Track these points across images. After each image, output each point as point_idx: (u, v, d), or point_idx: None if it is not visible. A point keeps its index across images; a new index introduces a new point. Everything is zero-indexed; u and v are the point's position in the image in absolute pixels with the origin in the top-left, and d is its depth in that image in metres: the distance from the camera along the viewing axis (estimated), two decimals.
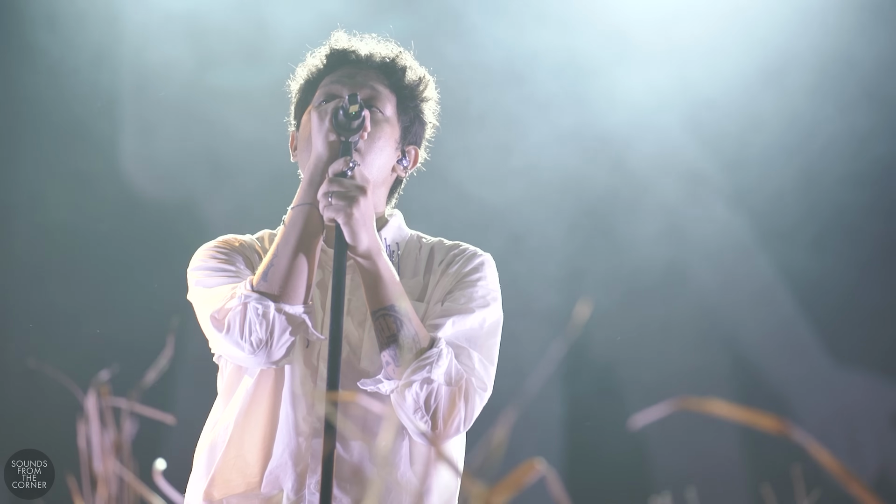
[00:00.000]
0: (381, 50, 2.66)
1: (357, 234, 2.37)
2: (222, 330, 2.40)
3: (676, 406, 1.15)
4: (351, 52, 2.65)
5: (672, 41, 5.09)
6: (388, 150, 2.59)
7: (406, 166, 2.66)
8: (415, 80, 2.66)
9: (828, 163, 5.06)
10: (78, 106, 4.99)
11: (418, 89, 2.66)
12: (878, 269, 5.07)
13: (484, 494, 1.17)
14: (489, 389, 2.51)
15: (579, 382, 5.10)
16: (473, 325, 2.52)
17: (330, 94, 2.58)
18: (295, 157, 2.65)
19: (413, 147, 2.67)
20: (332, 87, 2.59)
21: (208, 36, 4.98)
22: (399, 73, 2.64)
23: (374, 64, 2.64)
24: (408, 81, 2.65)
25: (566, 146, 5.14)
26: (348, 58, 2.65)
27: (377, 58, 2.64)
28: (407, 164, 2.66)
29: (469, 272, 2.59)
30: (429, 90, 2.69)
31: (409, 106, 2.65)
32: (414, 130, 2.66)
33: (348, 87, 2.57)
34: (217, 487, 2.49)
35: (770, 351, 5.09)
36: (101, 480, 1.32)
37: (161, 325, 4.46)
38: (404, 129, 2.64)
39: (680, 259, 5.13)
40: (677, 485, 4.91)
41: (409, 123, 2.65)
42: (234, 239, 2.62)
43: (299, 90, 2.69)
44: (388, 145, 2.58)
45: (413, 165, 2.68)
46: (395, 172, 2.65)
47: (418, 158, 2.69)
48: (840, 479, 1.10)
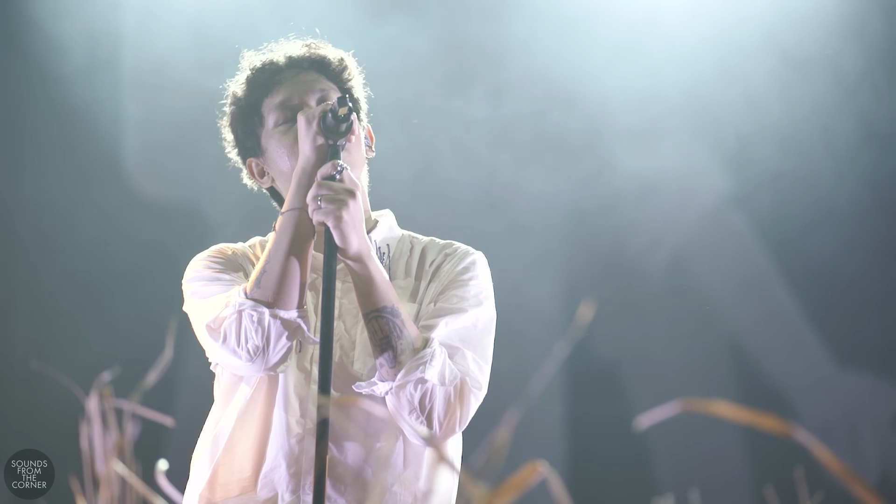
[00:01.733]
0: (296, 50, 2.64)
1: (347, 237, 2.36)
2: (219, 339, 2.40)
3: (680, 407, 1.15)
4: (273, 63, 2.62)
5: (665, 36, 5.09)
6: (362, 143, 2.58)
7: (369, 145, 2.65)
8: (340, 64, 2.65)
9: (828, 162, 5.05)
10: (80, 107, 4.99)
11: (347, 72, 2.65)
12: (882, 270, 5.07)
13: (486, 497, 1.17)
14: (484, 389, 2.50)
15: (581, 384, 5.09)
16: (467, 325, 2.52)
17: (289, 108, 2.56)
18: (264, 182, 2.64)
19: (367, 126, 2.67)
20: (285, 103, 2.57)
21: (210, 36, 4.98)
22: (326, 63, 2.63)
23: (303, 65, 2.62)
24: (335, 68, 2.64)
25: (567, 146, 5.14)
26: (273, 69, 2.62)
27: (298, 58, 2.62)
28: (369, 142, 2.66)
29: (461, 271, 2.59)
30: (352, 67, 2.67)
31: (347, 89, 2.64)
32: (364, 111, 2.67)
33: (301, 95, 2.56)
34: (214, 491, 2.50)
35: (772, 352, 5.09)
36: (104, 482, 1.32)
37: (163, 327, 4.46)
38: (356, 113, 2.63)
39: (682, 260, 5.13)
40: (680, 486, 4.91)
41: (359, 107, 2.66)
42: (226, 248, 2.63)
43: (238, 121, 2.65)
44: (360, 139, 2.58)
45: (372, 142, 2.67)
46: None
47: (372, 134, 2.68)
48: (843, 479, 1.10)
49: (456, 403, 2.42)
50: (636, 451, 5.05)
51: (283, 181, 2.60)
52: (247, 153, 2.67)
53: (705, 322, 5.12)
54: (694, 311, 5.11)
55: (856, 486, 1.10)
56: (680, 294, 5.12)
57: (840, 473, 1.10)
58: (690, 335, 5.11)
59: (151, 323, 4.70)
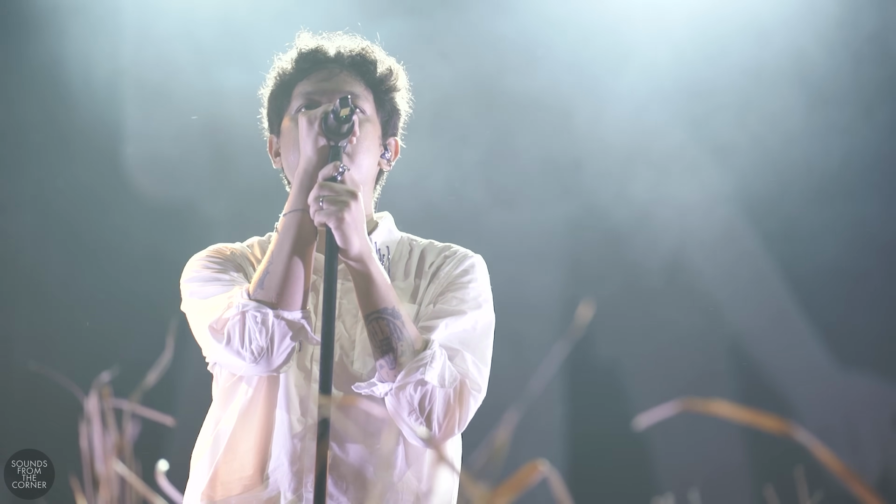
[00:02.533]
0: (350, 46, 2.66)
1: (349, 238, 2.36)
2: (222, 341, 2.40)
3: (680, 407, 1.15)
4: (320, 52, 2.65)
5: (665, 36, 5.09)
6: (373, 149, 2.60)
7: (388, 159, 2.67)
8: (386, 73, 2.66)
9: (829, 161, 5.05)
10: (79, 107, 4.99)
11: (390, 81, 2.67)
12: (883, 269, 5.07)
13: (486, 496, 1.17)
14: (483, 391, 2.51)
15: (581, 384, 5.09)
16: (466, 327, 2.52)
17: (311, 102, 2.59)
18: (276, 163, 2.67)
19: (394, 139, 2.68)
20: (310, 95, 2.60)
21: (210, 37, 4.98)
22: (371, 67, 2.65)
23: (345, 62, 2.64)
24: (380, 75, 2.65)
25: (567, 146, 5.14)
26: (318, 58, 2.65)
27: (347, 56, 2.64)
28: (389, 156, 2.67)
29: (460, 274, 2.59)
30: (400, 79, 2.69)
31: (385, 99, 2.66)
32: (392, 122, 2.68)
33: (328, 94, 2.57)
34: (215, 490, 2.50)
35: (773, 352, 5.09)
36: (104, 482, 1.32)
37: (163, 327, 4.46)
38: (384, 123, 2.65)
39: (682, 260, 5.13)
40: (680, 486, 4.91)
41: (388, 117, 2.66)
42: (225, 248, 2.62)
43: (272, 96, 2.69)
44: (373, 145, 2.59)
45: (395, 156, 2.69)
46: (379, 167, 2.67)
47: (398, 149, 2.70)
48: (843, 479, 1.10)
49: (455, 405, 2.43)
50: (636, 451, 5.05)
51: (288, 170, 2.62)
52: (271, 129, 2.70)
53: (705, 322, 5.11)
54: (694, 310, 5.11)
55: (856, 485, 1.10)
56: (680, 294, 5.11)
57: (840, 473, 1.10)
58: (690, 335, 5.11)
59: (151, 323, 4.70)
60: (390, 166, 2.69)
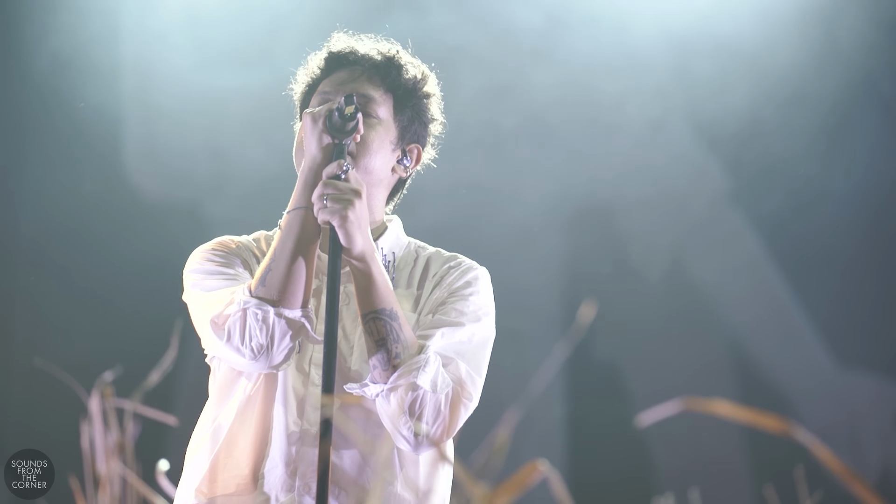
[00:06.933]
0: (378, 49, 2.64)
1: (352, 237, 2.36)
2: (223, 337, 2.40)
3: (680, 407, 1.15)
4: (347, 53, 2.64)
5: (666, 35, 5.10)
6: (383, 151, 2.57)
7: (407, 166, 2.64)
8: (411, 78, 2.64)
9: (831, 162, 5.05)
10: (80, 107, 4.99)
11: (416, 87, 2.64)
12: (883, 269, 5.07)
13: (486, 496, 1.17)
14: (475, 400, 2.49)
15: (581, 384, 5.09)
16: (462, 339, 2.50)
17: (325, 100, 2.57)
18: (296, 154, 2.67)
19: (415, 146, 2.65)
20: (326, 94, 2.59)
21: (210, 36, 4.98)
22: (395, 71, 2.62)
23: (369, 65, 2.62)
24: (404, 80, 2.63)
25: (567, 146, 5.14)
26: (344, 59, 2.63)
27: (372, 58, 2.63)
28: (409, 163, 2.64)
29: (462, 286, 2.57)
30: (429, 86, 2.67)
31: (407, 105, 2.63)
32: (414, 129, 2.64)
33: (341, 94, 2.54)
34: (209, 487, 2.50)
35: (773, 352, 5.09)
36: (104, 481, 1.32)
37: (164, 326, 4.46)
38: (402, 128, 2.62)
39: (682, 260, 5.13)
40: (680, 486, 4.91)
41: (408, 122, 2.63)
42: (230, 240, 2.62)
43: (301, 94, 2.69)
44: (382, 147, 2.57)
45: (415, 164, 2.66)
46: (396, 173, 2.64)
47: (421, 157, 2.67)
48: (843, 479, 1.10)
49: (445, 411, 2.42)
50: (636, 451, 5.05)
51: (298, 167, 2.59)
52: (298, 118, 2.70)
53: (706, 322, 5.11)
54: (694, 310, 5.11)
55: (856, 485, 1.10)
56: (680, 294, 5.12)
57: (840, 473, 1.10)
58: (690, 335, 5.11)
59: (152, 323, 4.70)
60: (408, 173, 2.66)
